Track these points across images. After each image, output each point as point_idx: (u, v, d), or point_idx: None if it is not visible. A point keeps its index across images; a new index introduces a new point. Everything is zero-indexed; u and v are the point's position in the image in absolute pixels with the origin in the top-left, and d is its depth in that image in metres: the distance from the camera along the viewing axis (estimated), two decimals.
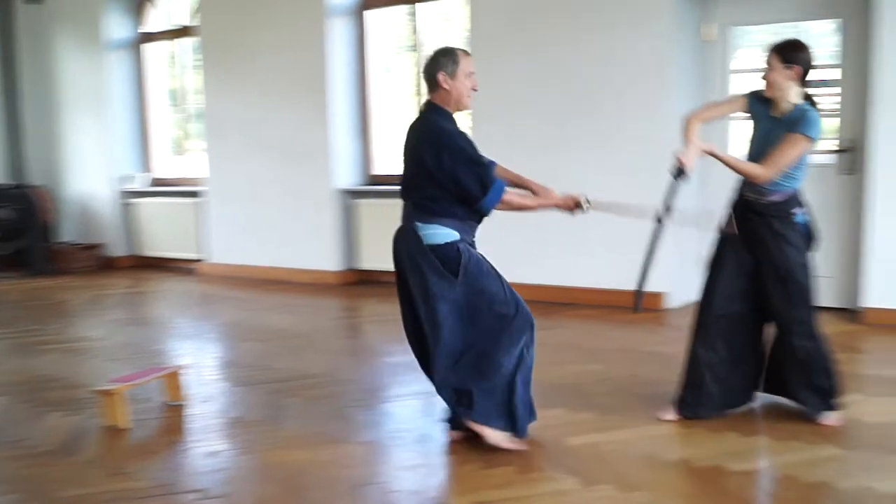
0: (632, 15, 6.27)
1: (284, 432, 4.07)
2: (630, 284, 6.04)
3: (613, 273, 6.35)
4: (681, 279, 6.43)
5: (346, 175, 8.12)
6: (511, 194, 3.69)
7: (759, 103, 3.80)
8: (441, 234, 3.64)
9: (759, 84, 3.79)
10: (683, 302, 6.44)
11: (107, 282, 8.85)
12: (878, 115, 5.55)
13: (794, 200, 3.81)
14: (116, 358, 5.61)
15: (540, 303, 5.74)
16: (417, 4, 7.76)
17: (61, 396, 4.76)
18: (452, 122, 3.70)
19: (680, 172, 3.61)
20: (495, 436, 3.65)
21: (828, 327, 5.43)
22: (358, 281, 8.14)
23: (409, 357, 5.25)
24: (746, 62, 6.55)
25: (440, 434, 3.91)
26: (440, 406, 4.31)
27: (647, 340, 5.48)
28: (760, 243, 3.82)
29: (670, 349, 5.18)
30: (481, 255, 3.72)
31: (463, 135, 3.66)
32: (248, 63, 8.41)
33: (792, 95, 3.68)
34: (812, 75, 3.67)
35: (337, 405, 4.42)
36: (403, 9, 7.94)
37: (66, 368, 5.40)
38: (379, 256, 7.92)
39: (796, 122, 3.63)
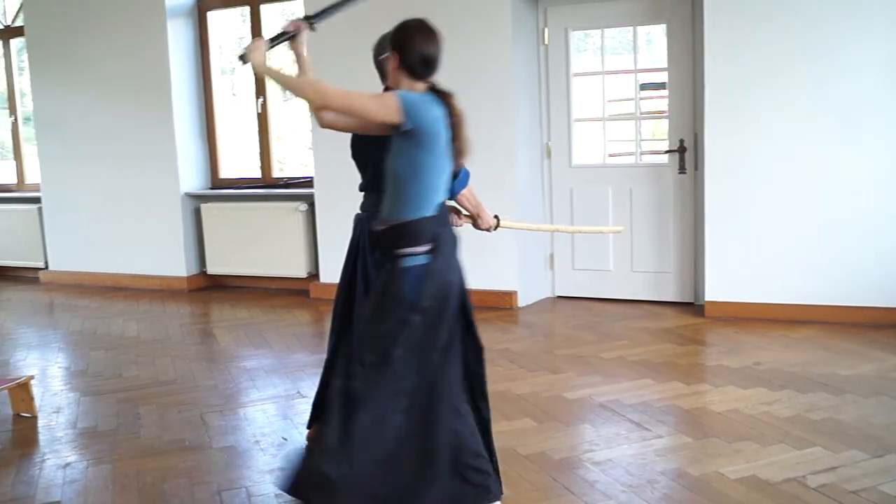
0: (471, 17, 6.45)
1: (140, 441, 4.07)
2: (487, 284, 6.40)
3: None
4: (530, 278, 6.73)
5: (192, 179, 8.05)
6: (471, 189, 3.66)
7: None
8: None
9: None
10: (534, 299, 6.76)
11: None
12: (710, 116, 5.90)
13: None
14: None
15: None
16: (260, 5, 7.76)
17: None
18: None
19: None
20: None
21: (672, 321, 5.89)
22: (207, 286, 8.08)
23: (265, 361, 5.38)
24: (587, 65, 6.92)
25: (300, 437, 4.00)
26: (298, 409, 4.43)
27: (499, 339, 5.67)
28: None
29: (521, 346, 5.47)
30: None
31: None
32: (81, 64, 8.18)
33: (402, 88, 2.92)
34: (424, 62, 2.94)
35: (193, 412, 4.44)
36: (245, 10, 7.93)
37: None
38: (226, 260, 7.92)
39: None
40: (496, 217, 3.86)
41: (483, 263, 6.56)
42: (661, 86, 6.47)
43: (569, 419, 4.13)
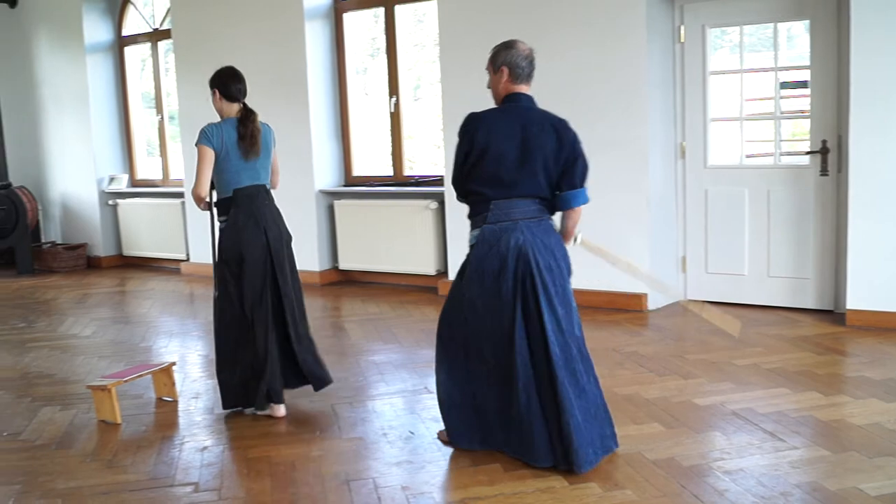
0: (605, 15, 6.38)
1: (273, 428, 4.21)
2: (617, 286, 6.33)
3: (596, 274, 6.47)
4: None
5: (327, 176, 8.25)
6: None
7: None
8: None
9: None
10: (664, 303, 6.61)
11: (92, 281, 8.94)
12: (856, 116, 5.62)
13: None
14: (105, 355, 5.73)
15: None
16: (395, 6, 7.88)
17: (54, 392, 4.89)
18: None
19: None
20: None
21: (810, 329, 5.67)
22: (339, 281, 8.27)
23: (393, 356, 5.46)
24: (724, 63, 6.72)
25: (426, 431, 4.06)
26: (425, 404, 4.48)
27: (628, 341, 5.61)
28: None
29: (650, 350, 5.37)
30: None
31: None
32: (223, 65, 8.47)
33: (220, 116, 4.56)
34: (232, 92, 4.66)
35: (324, 402, 4.55)
36: (379, 11, 8.08)
37: (57, 365, 5.52)
38: (358, 256, 8.08)
39: None
40: (575, 238, 3.79)
41: (613, 266, 6.47)
42: (803, 84, 6.22)
43: (699, 426, 4.03)
